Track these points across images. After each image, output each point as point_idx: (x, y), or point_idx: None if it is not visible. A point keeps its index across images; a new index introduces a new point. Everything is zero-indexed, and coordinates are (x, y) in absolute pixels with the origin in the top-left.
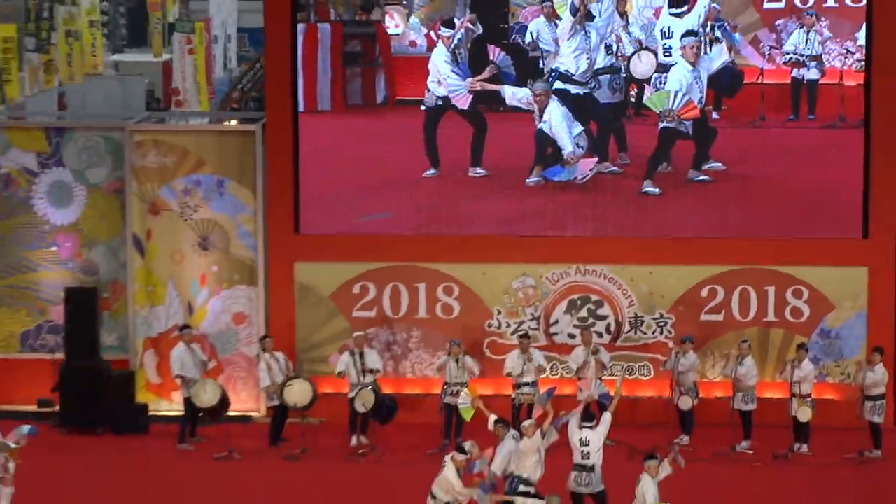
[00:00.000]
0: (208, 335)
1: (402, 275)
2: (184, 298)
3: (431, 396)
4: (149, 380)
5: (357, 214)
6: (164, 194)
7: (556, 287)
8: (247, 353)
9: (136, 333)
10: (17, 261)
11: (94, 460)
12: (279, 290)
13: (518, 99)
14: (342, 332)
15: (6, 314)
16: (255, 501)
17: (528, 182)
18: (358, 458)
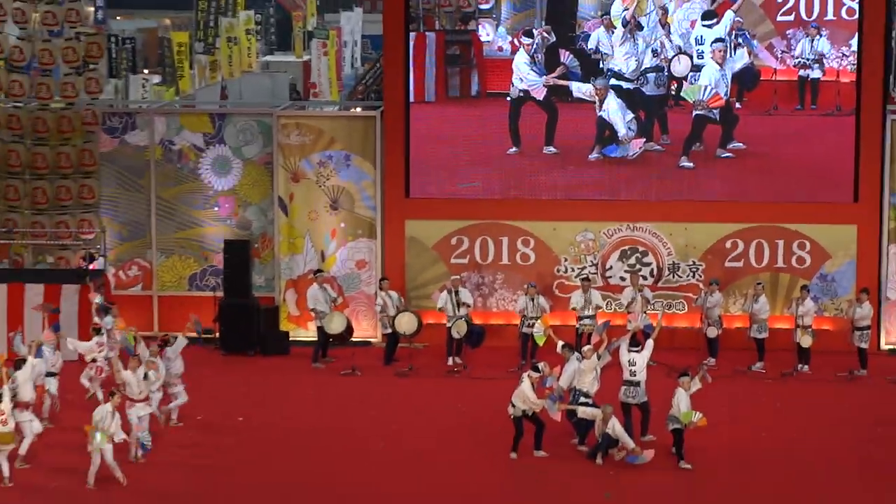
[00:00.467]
0: (337, 277)
1: (490, 230)
2: (318, 248)
3: (512, 326)
4: (289, 312)
5: (454, 183)
6: (303, 166)
7: (610, 240)
8: (367, 291)
9: (280, 276)
10: (186, 218)
11: (247, 376)
12: (393, 242)
13: (583, 92)
14: (442, 275)
15: (178, 261)
16: (372, 408)
17: (590, 158)
18: (453, 374)
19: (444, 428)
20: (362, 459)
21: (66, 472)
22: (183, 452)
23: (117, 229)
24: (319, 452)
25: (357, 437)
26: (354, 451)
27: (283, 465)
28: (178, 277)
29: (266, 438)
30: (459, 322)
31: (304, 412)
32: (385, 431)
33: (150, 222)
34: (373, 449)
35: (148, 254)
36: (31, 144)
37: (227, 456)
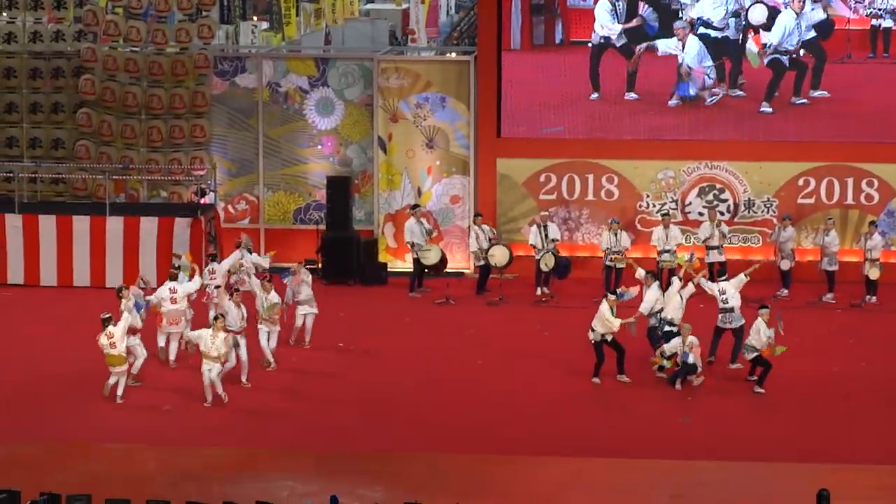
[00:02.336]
0: (432, 212)
1: (576, 168)
2: (414, 184)
3: (596, 259)
4: (387, 245)
5: (542, 124)
6: (401, 107)
7: (690, 177)
8: (461, 225)
9: (379, 210)
10: (291, 156)
11: (348, 304)
12: (485, 179)
13: (669, 48)
14: (531, 210)
15: (283, 196)
16: (465, 335)
17: (670, 104)
18: (541, 303)
19: (532, 352)
20: (457, 377)
21: (180, 391)
22: (284, 377)
23: (227, 166)
24: (415, 372)
25: (452, 358)
26: (449, 370)
27: (381, 383)
28: (284, 211)
29: (365, 361)
30: (547, 255)
31: (402, 337)
32: (479, 353)
33: (258, 159)
34: (468, 367)
35: (255, 189)
36: (148, 86)
37: (328, 379)
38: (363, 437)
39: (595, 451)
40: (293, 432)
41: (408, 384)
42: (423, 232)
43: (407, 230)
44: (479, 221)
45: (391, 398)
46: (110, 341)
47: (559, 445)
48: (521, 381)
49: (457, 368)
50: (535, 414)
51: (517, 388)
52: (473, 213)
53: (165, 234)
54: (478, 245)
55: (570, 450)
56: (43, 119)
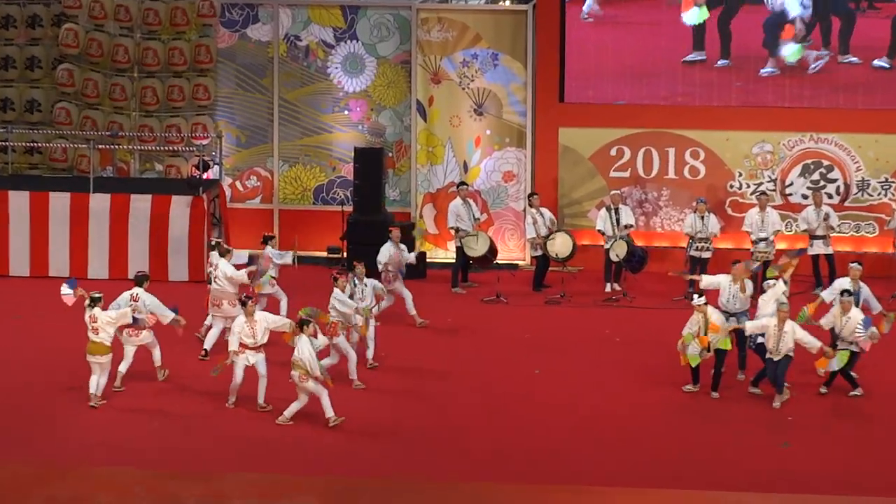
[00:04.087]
0: (481, 191)
1: (654, 140)
2: (460, 158)
3: (678, 249)
4: (427, 230)
5: (614, 87)
6: (445, 65)
7: (791, 152)
8: (515, 207)
9: (417, 189)
10: (313, 123)
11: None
12: (545, 152)
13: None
14: (600, 190)
15: (303, 171)
16: (518, 340)
17: (765, 69)
18: (611, 303)
19: (600, 362)
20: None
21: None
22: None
23: (235, 134)
24: (459, 385)
25: (503, 367)
26: (498, 382)
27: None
28: (302, 189)
29: (398, 371)
30: (619, 243)
31: (443, 341)
32: (536, 362)
33: (272, 127)
34: (522, 379)
35: (269, 162)
36: (141, 38)
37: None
38: (395, 462)
39: (673, 481)
40: (314, 455)
41: (449, 399)
42: (470, 215)
43: (450, 213)
44: (536, 203)
45: (428, 416)
46: (93, 325)
47: (631, 474)
48: (585, 397)
49: (508, 380)
50: (602, 436)
51: (580, 404)
52: (529, 192)
53: (160, 216)
54: (535, 232)
55: (644, 480)
56: (16, 76)
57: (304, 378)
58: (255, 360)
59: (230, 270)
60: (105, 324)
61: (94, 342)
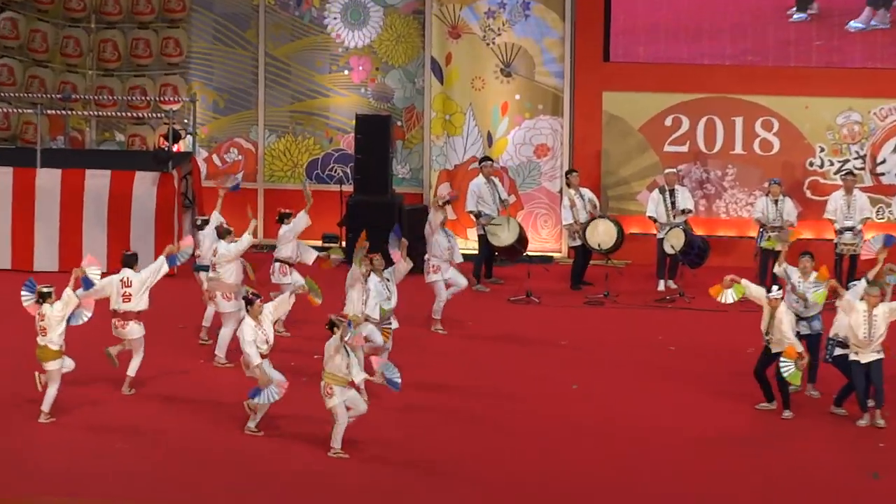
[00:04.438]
0: (508, 168)
1: (718, 107)
2: (483, 128)
3: (746, 239)
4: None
5: (670, 44)
6: (465, 16)
7: (884, 123)
8: (549, 188)
9: (431, 165)
10: (306, 85)
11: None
12: (586, 121)
13: None
14: (652, 168)
15: (292, 142)
16: (552, 348)
17: (848, 27)
18: (665, 304)
19: (651, 376)
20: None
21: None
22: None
23: (212, 98)
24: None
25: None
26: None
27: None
28: (293, 165)
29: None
30: (675, 232)
31: (464, 349)
32: (574, 375)
33: (257, 90)
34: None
35: (252, 132)
36: None
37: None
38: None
39: None
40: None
41: (469, 420)
42: (495, 197)
43: (471, 194)
44: (575, 183)
45: (444, 440)
46: (41, 324)
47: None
48: (633, 418)
49: (539, 397)
50: (655, 465)
51: (627, 426)
52: (567, 170)
53: (121, 196)
54: (573, 217)
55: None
56: None
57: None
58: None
59: (233, 250)
60: (53, 320)
61: (40, 345)
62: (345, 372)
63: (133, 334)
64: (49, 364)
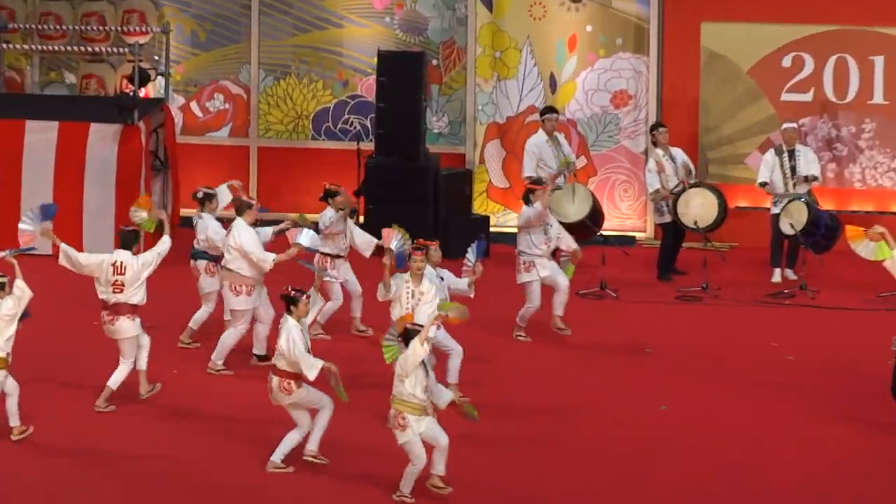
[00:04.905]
0: (577, 121)
1: (852, 42)
2: (544, 69)
3: (889, 216)
4: (491, 181)
5: None
6: None
7: None
8: (630, 147)
9: (476, 117)
10: (312, 12)
11: None
12: (678, 61)
13: None
14: (765, 122)
15: (295, 86)
16: (635, 356)
17: None
18: (782, 299)
19: (763, 392)
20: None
21: None
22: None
23: (190, 28)
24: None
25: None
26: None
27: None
28: (295, 117)
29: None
30: (796, 206)
31: (524, 356)
32: (664, 390)
33: (249, 18)
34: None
35: (243, 73)
36: None
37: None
38: None
39: None
40: None
41: (530, 447)
42: (560, 160)
43: (528, 155)
44: (664, 141)
45: (502, 470)
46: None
47: None
48: (740, 445)
49: (620, 420)
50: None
51: (734, 457)
52: (653, 124)
53: (71, 154)
54: (661, 186)
55: None
56: None
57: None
58: None
59: (250, 239)
60: (1, 321)
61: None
62: (421, 397)
63: (123, 332)
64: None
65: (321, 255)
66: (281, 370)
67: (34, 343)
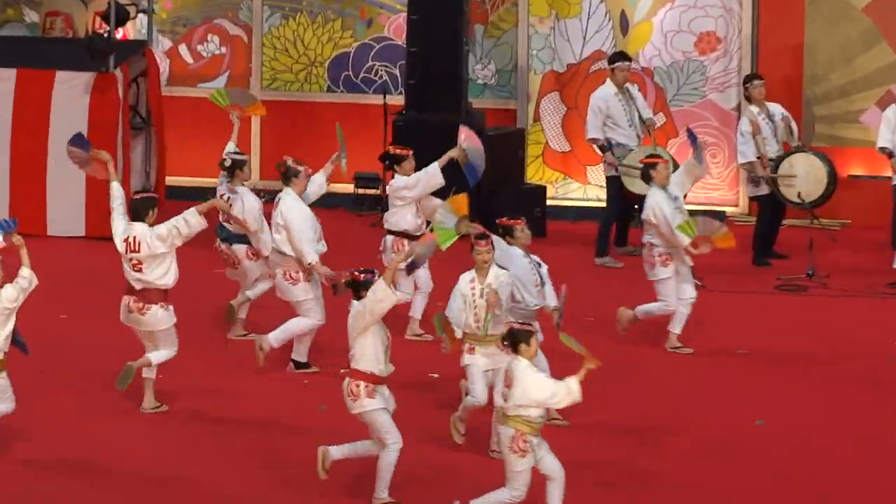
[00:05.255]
0: (654, 70)
1: None
2: (614, 6)
3: None
4: (548, 143)
5: None
6: None
7: None
8: (718, 102)
9: (530, 65)
10: None
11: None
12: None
13: None
14: (884, 71)
15: (308, 27)
16: (727, 356)
17: None
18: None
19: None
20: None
21: None
22: None
23: None
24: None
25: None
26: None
27: None
28: (308, 64)
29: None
30: None
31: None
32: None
33: None
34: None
35: (243, 10)
36: None
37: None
38: None
39: None
40: None
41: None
42: (633, 117)
43: (594, 113)
44: (759, 95)
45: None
46: None
47: None
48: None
49: (708, 434)
50: None
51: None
52: (748, 76)
53: (32, 108)
54: (757, 151)
55: None
56: None
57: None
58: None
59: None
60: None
61: None
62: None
63: (155, 324)
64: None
65: (395, 238)
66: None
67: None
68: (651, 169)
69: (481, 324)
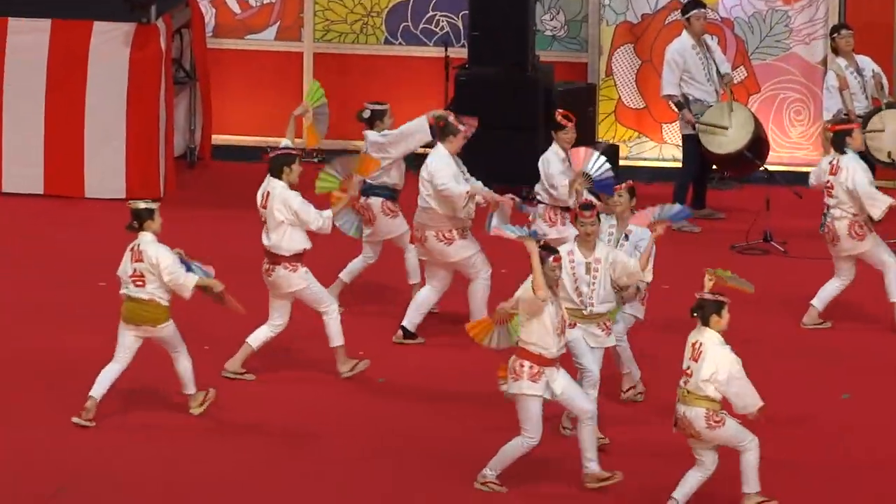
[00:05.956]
0: (734, 21)
1: None
2: None
3: None
4: (621, 99)
5: None
6: None
7: None
8: (803, 55)
9: (602, 14)
10: None
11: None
12: None
13: None
14: None
15: None
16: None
17: None
18: None
19: None
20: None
21: None
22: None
23: None
24: None
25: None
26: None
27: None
28: (365, 13)
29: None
30: None
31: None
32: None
33: None
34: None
35: None
36: None
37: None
38: None
39: None
40: None
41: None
42: (710, 71)
43: (670, 68)
44: (848, 47)
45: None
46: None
47: None
48: None
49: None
50: None
51: None
52: (835, 26)
53: (69, 61)
54: (845, 107)
55: None
56: None
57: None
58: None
59: (442, 167)
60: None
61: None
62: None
63: (287, 286)
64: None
65: (548, 208)
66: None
67: None
68: (847, 135)
69: (584, 299)
